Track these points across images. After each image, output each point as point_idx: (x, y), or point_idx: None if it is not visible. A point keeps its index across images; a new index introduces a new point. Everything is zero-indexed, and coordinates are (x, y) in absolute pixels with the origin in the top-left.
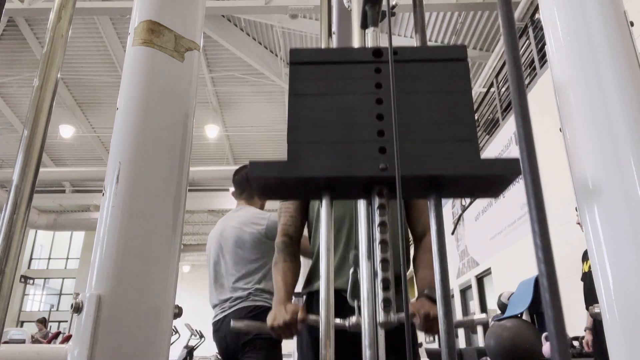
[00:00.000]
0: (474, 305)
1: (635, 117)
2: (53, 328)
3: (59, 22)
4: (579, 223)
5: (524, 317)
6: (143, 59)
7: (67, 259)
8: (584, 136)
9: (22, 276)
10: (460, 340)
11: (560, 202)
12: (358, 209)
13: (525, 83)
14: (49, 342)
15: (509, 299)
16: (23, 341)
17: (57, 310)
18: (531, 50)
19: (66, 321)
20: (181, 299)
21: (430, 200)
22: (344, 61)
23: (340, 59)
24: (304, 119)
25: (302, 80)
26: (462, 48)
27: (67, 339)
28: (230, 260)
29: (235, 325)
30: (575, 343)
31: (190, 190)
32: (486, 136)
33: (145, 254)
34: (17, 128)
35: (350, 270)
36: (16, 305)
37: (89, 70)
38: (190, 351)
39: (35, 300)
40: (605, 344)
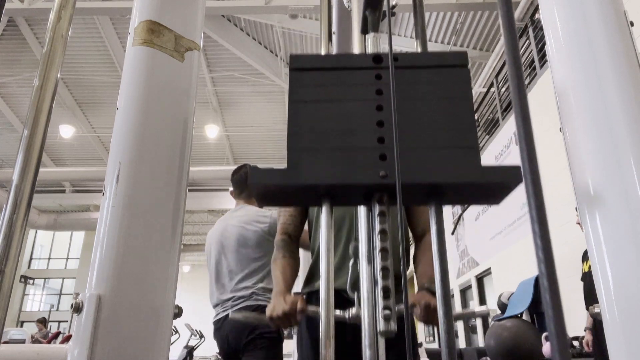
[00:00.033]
0: (474, 305)
1: (635, 117)
2: (53, 328)
3: (59, 22)
4: (579, 223)
5: (524, 317)
6: (143, 59)
7: (67, 259)
8: (584, 136)
9: (22, 276)
10: (460, 340)
11: (560, 202)
12: (358, 214)
13: (525, 83)
14: (49, 342)
15: (509, 299)
16: (23, 341)
17: (57, 310)
18: (531, 50)
19: (66, 321)
20: (181, 299)
21: (431, 207)
22: (344, 67)
23: (340, 65)
24: (304, 126)
25: (302, 86)
26: (463, 54)
27: (67, 339)
28: (232, 259)
29: (234, 317)
30: (575, 343)
31: (190, 190)
32: (486, 136)
33: (145, 254)
34: (17, 128)
35: (350, 261)
36: (16, 305)
37: (89, 70)
38: (190, 351)
39: (35, 300)
40: (605, 344)
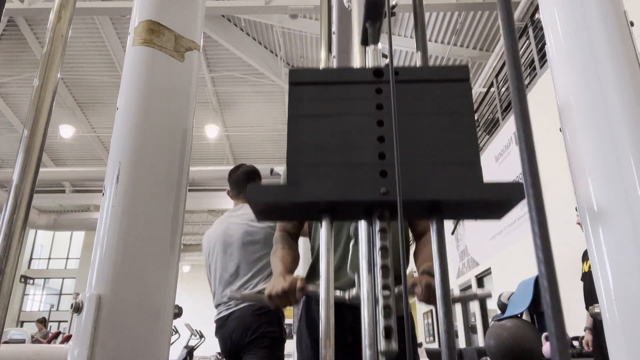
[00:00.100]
0: (474, 305)
1: (635, 117)
2: (53, 328)
3: (59, 22)
4: (579, 223)
5: (524, 317)
6: (143, 59)
7: (67, 259)
8: (584, 136)
9: (22, 276)
10: (460, 340)
11: (560, 202)
12: (359, 229)
13: (525, 83)
14: (49, 342)
15: (509, 299)
16: (23, 341)
17: (57, 310)
18: (531, 50)
19: (66, 321)
20: (181, 299)
21: (432, 222)
22: (344, 81)
23: (340, 79)
24: (304, 141)
25: (302, 101)
26: (465, 68)
27: (67, 339)
28: (238, 257)
29: (232, 295)
30: (575, 343)
31: (190, 190)
32: (486, 136)
33: (145, 254)
34: (17, 128)
35: (351, 243)
36: (16, 305)
37: (89, 70)
38: (190, 351)
39: (35, 300)
40: (605, 344)
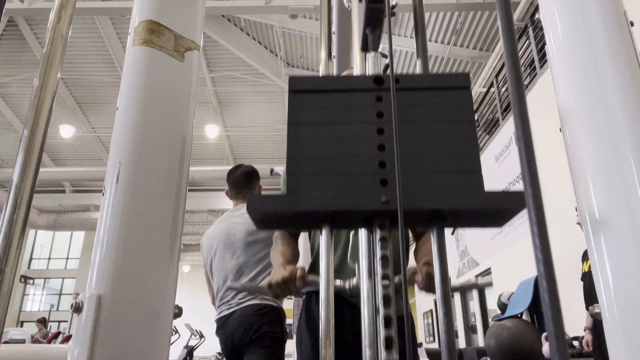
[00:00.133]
0: (474, 305)
1: (635, 117)
2: (53, 328)
3: (59, 22)
4: (579, 223)
5: (524, 317)
6: (143, 59)
7: (67, 259)
8: (584, 136)
9: (22, 276)
10: (460, 340)
11: (560, 202)
12: (359, 237)
13: (525, 83)
14: (49, 342)
15: (509, 299)
16: (23, 341)
17: (57, 310)
18: (531, 50)
19: (66, 321)
20: (181, 299)
21: (433, 230)
22: (345, 89)
23: (340, 87)
24: (304, 150)
25: (302, 109)
26: (465, 76)
27: (67, 339)
28: (242, 256)
29: (232, 286)
30: (575, 343)
31: (190, 190)
32: (486, 136)
33: (145, 254)
34: (17, 128)
35: (351, 233)
36: (16, 305)
37: (89, 70)
38: (190, 351)
39: (35, 300)
40: (605, 344)
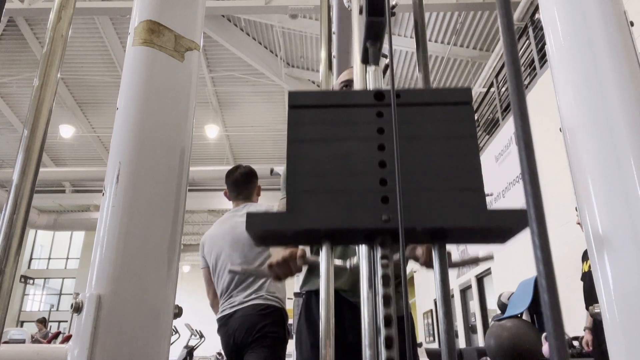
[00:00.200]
0: (474, 305)
1: (635, 117)
2: (53, 328)
3: (59, 22)
4: (579, 223)
5: (524, 317)
6: (143, 59)
7: (67, 259)
8: (584, 136)
9: (22, 276)
10: (460, 340)
11: (560, 202)
12: (360, 253)
13: (525, 83)
14: (49, 342)
15: (509, 299)
16: (23, 341)
17: (57, 310)
18: (531, 50)
19: (66, 321)
20: (181, 299)
21: (435, 247)
22: (345, 104)
23: (340, 102)
24: (304, 166)
25: (301, 124)
26: (467, 91)
27: (67, 339)
28: (250, 255)
29: (233, 269)
30: (575, 343)
31: (190, 190)
32: (486, 136)
33: (145, 254)
34: (17, 128)
35: None
36: (16, 305)
37: (89, 70)
38: (190, 351)
39: (35, 300)
40: (605, 344)
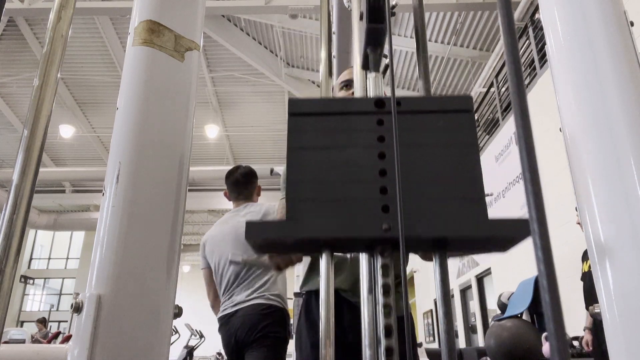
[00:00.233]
0: (474, 305)
1: (635, 117)
2: (53, 328)
3: (59, 22)
4: (579, 223)
5: (524, 317)
6: (143, 59)
7: (67, 259)
8: (584, 136)
9: (22, 276)
10: (460, 340)
11: (560, 202)
12: (360, 261)
13: (525, 83)
14: (49, 342)
15: (509, 299)
16: (23, 341)
17: (57, 310)
18: (531, 50)
19: (66, 321)
20: (181, 299)
21: (436, 256)
22: (345, 112)
23: (340, 109)
24: (304, 174)
25: (301, 132)
26: (468, 99)
27: (67, 339)
28: (255, 254)
29: (233, 260)
30: (575, 343)
31: (190, 190)
32: (486, 136)
33: (145, 254)
34: (17, 128)
35: None
36: (16, 305)
37: (89, 70)
38: (190, 351)
39: (35, 300)
40: (605, 344)
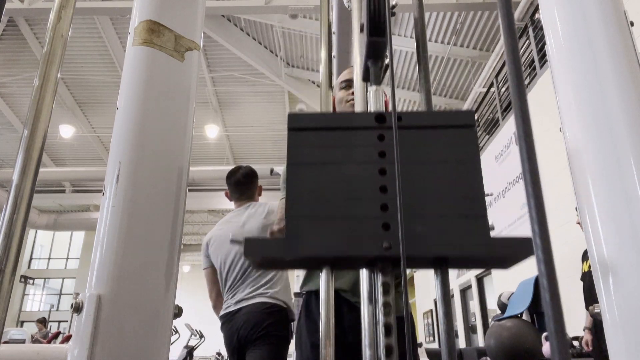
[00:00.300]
0: (474, 305)
1: (635, 117)
2: (53, 328)
3: (59, 22)
4: (579, 223)
5: (524, 317)
6: (143, 59)
7: (67, 259)
8: (584, 136)
9: (22, 276)
10: (460, 340)
11: (560, 202)
12: (360, 277)
13: (525, 83)
14: (49, 342)
15: (509, 299)
16: (23, 341)
17: (57, 310)
18: (531, 50)
19: (66, 321)
20: (181, 299)
21: (437, 272)
22: (345, 127)
23: (341, 124)
24: (303, 191)
25: (301, 147)
26: (470, 114)
27: (67, 339)
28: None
29: (234, 239)
30: (575, 343)
31: (190, 190)
32: (486, 136)
33: (145, 254)
34: (17, 128)
35: None
36: (16, 305)
37: (89, 70)
38: (190, 351)
39: (35, 300)
40: (605, 343)
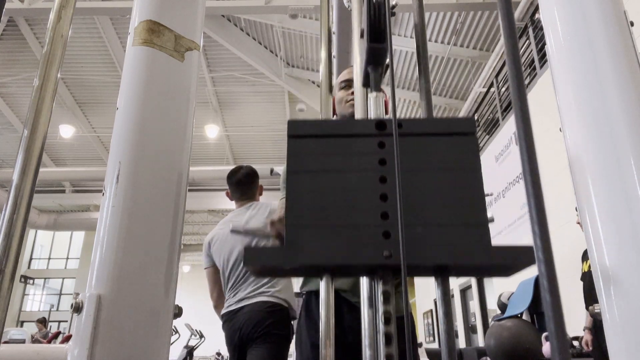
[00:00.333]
0: (474, 305)
1: (635, 117)
2: (53, 328)
3: (59, 22)
4: (579, 223)
5: (524, 317)
6: (143, 59)
7: (67, 259)
8: (584, 136)
9: (22, 276)
10: (460, 340)
11: (560, 202)
12: (360, 284)
13: (525, 83)
14: (49, 342)
15: (509, 299)
16: (23, 341)
17: (57, 310)
18: (531, 50)
19: (66, 321)
20: (181, 299)
21: (438, 281)
22: (346, 134)
23: (341, 132)
24: (303, 199)
25: (301, 155)
26: (471, 121)
27: (67, 339)
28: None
29: (235, 228)
30: (575, 343)
31: (190, 190)
32: (486, 136)
33: (145, 254)
34: (17, 128)
35: None
36: (16, 305)
37: (89, 70)
38: (190, 351)
39: (35, 300)
40: (605, 343)
